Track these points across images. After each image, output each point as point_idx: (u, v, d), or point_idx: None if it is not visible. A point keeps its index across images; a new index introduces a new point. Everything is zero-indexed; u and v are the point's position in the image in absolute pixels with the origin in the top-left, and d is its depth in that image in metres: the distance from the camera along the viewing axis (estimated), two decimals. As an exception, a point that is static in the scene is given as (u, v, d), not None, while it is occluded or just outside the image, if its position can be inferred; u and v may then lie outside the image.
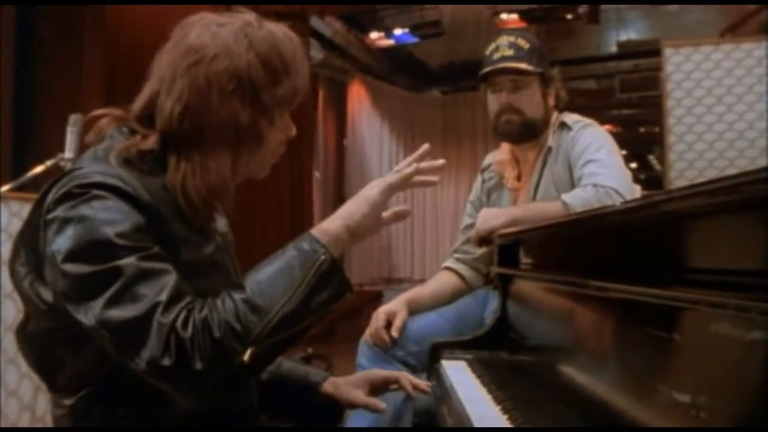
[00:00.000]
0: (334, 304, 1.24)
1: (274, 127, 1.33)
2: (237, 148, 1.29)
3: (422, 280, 2.92)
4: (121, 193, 1.17)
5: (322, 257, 1.21)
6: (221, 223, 1.46)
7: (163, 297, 1.10)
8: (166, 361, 1.08)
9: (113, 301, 1.10)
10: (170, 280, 1.13)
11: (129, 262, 1.11)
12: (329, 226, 1.27)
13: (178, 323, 1.09)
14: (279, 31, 1.33)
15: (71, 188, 1.17)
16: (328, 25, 9.77)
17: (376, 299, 8.04)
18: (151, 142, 1.27)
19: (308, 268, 1.19)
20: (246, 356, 1.12)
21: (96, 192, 1.15)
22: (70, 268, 1.12)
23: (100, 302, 1.10)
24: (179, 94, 1.25)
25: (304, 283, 1.18)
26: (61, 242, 1.14)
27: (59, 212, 1.16)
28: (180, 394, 1.14)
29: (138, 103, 1.32)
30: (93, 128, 1.34)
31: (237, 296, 1.14)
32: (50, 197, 1.19)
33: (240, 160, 1.30)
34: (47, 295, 1.20)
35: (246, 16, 1.33)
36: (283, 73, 1.30)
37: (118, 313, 1.10)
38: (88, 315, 1.11)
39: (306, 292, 1.17)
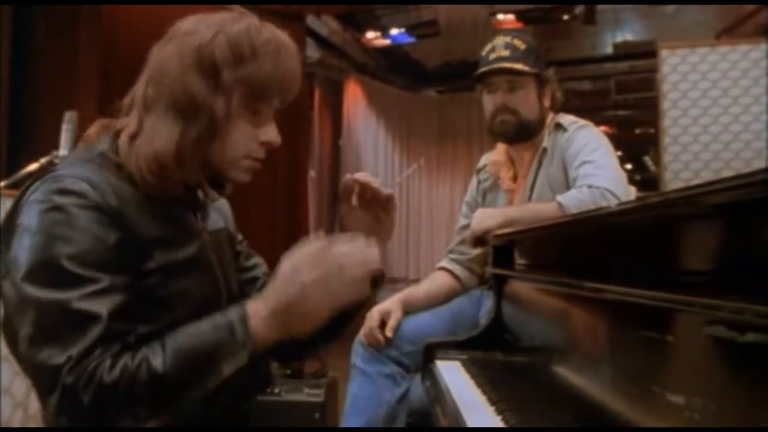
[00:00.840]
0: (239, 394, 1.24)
1: (230, 109, 1.27)
2: (187, 121, 1.25)
3: (417, 280, 2.93)
4: (85, 199, 1.17)
5: (247, 354, 1.17)
6: (216, 221, 1.46)
7: (75, 351, 1.09)
8: (63, 421, 1.10)
9: (42, 338, 1.11)
10: (95, 330, 1.11)
11: (67, 298, 1.11)
12: (267, 320, 1.18)
13: (81, 383, 1.08)
14: (264, 26, 1.32)
15: (39, 195, 1.17)
16: (325, 25, 9.77)
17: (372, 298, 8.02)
18: (123, 123, 1.29)
19: (228, 362, 1.16)
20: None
21: (58, 201, 1.15)
22: (18, 281, 1.13)
23: (29, 332, 1.11)
24: (150, 66, 1.28)
25: (221, 375, 1.16)
26: (19, 251, 1.15)
27: (23, 218, 1.17)
28: None
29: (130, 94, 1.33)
30: (81, 140, 1.34)
31: (153, 368, 1.12)
32: (23, 200, 1.20)
33: (187, 135, 1.25)
34: None
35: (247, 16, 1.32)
36: (249, 55, 1.26)
37: (38, 354, 1.10)
38: (20, 340, 1.13)
39: (217, 382, 1.16)
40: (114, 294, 1.15)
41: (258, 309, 1.18)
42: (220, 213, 1.50)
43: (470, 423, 1.36)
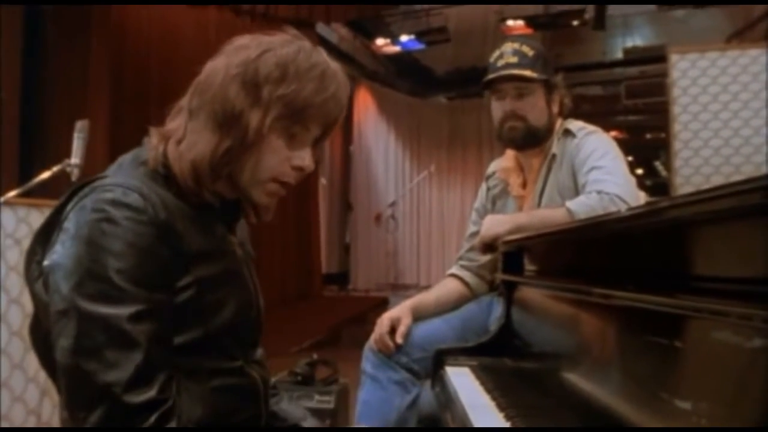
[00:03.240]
0: None
1: (265, 126, 1.26)
2: (222, 132, 1.26)
3: (428, 287, 2.93)
4: (137, 212, 1.17)
5: None
6: (243, 235, 1.47)
7: (125, 375, 1.11)
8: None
9: (83, 352, 1.12)
10: (139, 357, 1.12)
11: (114, 314, 1.12)
12: None
13: (155, 416, 1.12)
14: (315, 50, 1.32)
15: (89, 203, 1.18)
16: (334, 32, 9.81)
17: (382, 305, 8.05)
18: (172, 127, 1.31)
19: None
20: None
21: (110, 213, 1.16)
22: (64, 288, 1.14)
23: (71, 343, 1.12)
24: (200, 76, 1.30)
25: None
26: (65, 258, 1.15)
27: (71, 225, 1.18)
28: None
29: None
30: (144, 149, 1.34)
31: None
32: (71, 205, 1.21)
33: (221, 145, 1.25)
34: None
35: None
36: (293, 76, 1.26)
37: (80, 368, 1.11)
38: (58, 349, 1.14)
39: None
40: (157, 315, 1.16)
41: None
42: (243, 229, 1.51)
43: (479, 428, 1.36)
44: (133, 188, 1.19)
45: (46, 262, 1.19)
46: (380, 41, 9.97)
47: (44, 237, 1.24)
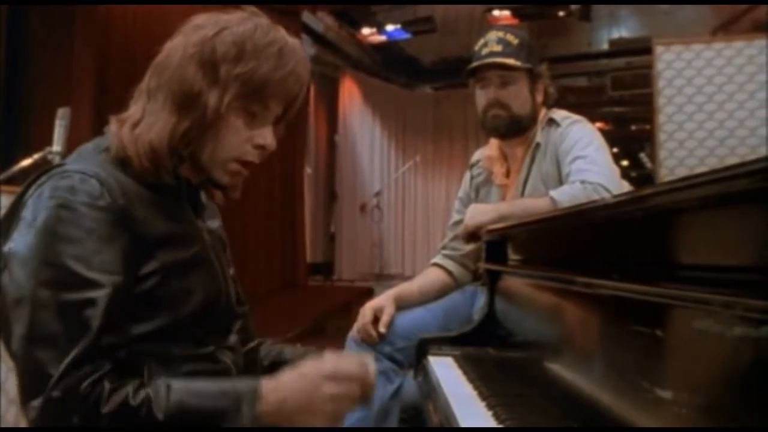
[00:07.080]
0: None
1: (223, 105, 1.25)
2: (181, 112, 1.25)
3: (413, 277, 2.92)
4: (94, 198, 1.16)
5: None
6: (212, 220, 1.45)
7: (65, 362, 1.07)
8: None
9: (37, 339, 1.10)
10: (84, 341, 1.09)
11: (69, 300, 1.11)
12: (275, 406, 1.16)
13: (69, 402, 1.07)
14: (273, 27, 1.31)
15: (46, 190, 1.17)
16: (320, 21, 9.77)
17: (367, 295, 8.04)
18: (129, 113, 1.29)
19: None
20: None
21: (67, 199, 1.15)
22: (20, 275, 1.13)
23: (24, 331, 1.10)
24: (158, 57, 1.29)
25: None
26: (21, 246, 1.14)
27: (29, 213, 1.16)
28: None
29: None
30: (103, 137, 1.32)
31: (154, 414, 1.10)
32: (29, 193, 1.20)
33: (179, 125, 1.25)
34: None
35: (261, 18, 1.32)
36: (250, 53, 1.26)
37: (31, 356, 1.09)
38: (13, 336, 1.12)
39: None
40: (112, 301, 1.14)
41: (269, 391, 1.17)
42: (214, 215, 1.49)
43: (461, 417, 1.35)
44: (91, 174, 1.18)
45: (5, 251, 1.18)
46: (366, 31, 9.95)
47: (5, 228, 1.22)
